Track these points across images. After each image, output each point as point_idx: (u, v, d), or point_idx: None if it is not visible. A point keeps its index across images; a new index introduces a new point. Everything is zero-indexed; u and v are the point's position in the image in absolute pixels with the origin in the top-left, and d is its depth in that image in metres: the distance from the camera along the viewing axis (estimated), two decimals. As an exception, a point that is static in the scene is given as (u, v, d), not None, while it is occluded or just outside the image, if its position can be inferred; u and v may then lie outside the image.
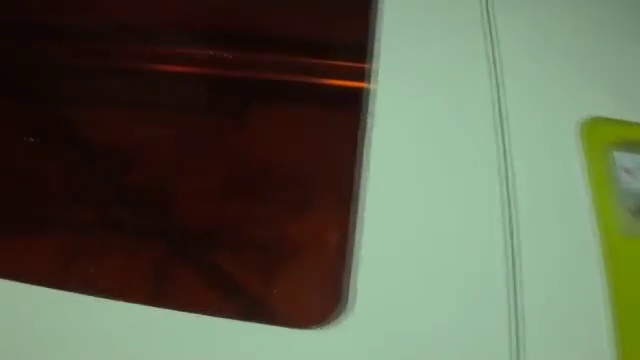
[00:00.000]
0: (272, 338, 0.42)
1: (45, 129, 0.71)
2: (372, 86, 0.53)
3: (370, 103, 0.52)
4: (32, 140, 0.67)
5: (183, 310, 0.44)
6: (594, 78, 0.55)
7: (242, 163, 0.67)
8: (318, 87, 0.72)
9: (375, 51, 0.55)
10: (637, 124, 0.52)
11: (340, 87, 0.71)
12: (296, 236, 0.61)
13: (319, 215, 0.62)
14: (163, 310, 0.44)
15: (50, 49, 0.77)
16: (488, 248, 0.45)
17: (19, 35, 0.77)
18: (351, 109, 0.70)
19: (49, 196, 0.67)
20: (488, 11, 0.58)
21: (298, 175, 0.66)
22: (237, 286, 0.55)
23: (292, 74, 0.73)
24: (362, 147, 0.49)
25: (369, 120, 0.50)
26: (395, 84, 0.53)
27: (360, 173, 0.48)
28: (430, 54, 0.56)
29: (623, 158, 0.51)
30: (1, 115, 0.74)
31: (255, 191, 0.65)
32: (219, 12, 0.73)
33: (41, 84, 0.75)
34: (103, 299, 0.45)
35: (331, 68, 0.72)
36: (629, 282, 0.45)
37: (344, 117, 0.69)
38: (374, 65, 0.54)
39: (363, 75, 0.69)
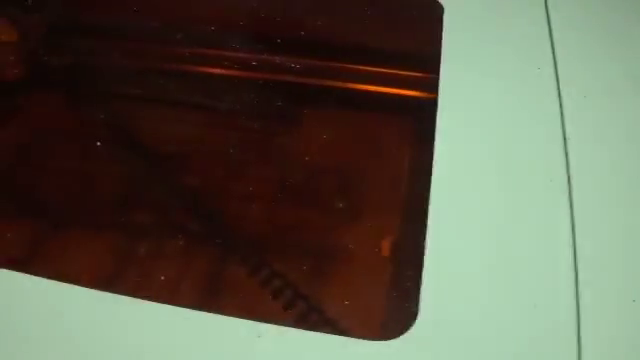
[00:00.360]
0: (341, 349, 0.42)
1: (100, 130, 0.72)
2: (437, 96, 0.53)
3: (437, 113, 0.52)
4: (99, 144, 0.68)
5: (240, 317, 0.44)
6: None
7: (294, 167, 0.68)
8: (370, 94, 0.72)
9: (440, 62, 0.55)
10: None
11: (392, 95, 0.72)
12: (350, 242, 0.61)
13: (373, 221, 0.62)
14: (220, 316, 0.44)
15: (107, 50, 0.78)
16: (553, 257, 0.46)
17: (75, 36, 0.78)
18: (402, 116, 0.70)
19: (103, 197, 0.67)
20: (549, 19, 0.58)
21: (350, 180, 0.66)
22: (295, 293, 0.55)
23: (344, 80, 0.73)
24: (431, 158, 0.49)
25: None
26: (458, 94, 0.54)
27: (429, 183, 0.48)
28: (492, 66, 0.56)
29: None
30: (58, 115, 0.75)
31: (307, 196, 0.65)
32: (274, 17, 0.73)
33: (96, 85, 0.76)
34: (155, 303, 0.45)
35: (384, 76, 0.72)
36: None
37: (395, 124, 0.70)
38: (439, 75, 0.54)
39: (416, 83, 0.70)
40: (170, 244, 0.62)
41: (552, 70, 0.55)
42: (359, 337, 0.43)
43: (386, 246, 0.58)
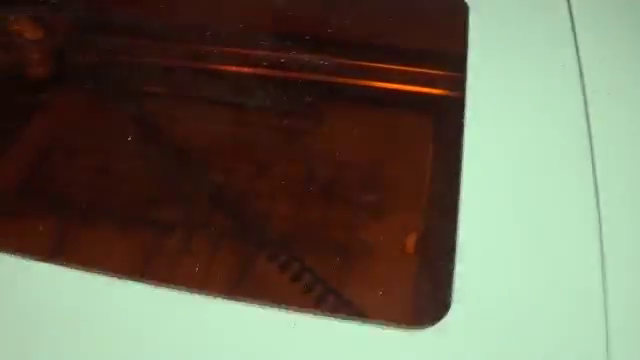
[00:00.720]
0: (374, 337, 0.43)
1: (126, 128, 0.73)
2: (461, 94, 0.54)
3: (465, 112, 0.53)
4: (129, 139, 0.69)
5: (275, 306, 0.45)
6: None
7: (318, 164, 0.69)
8: (393, 92, 0.73)
9: (465, 60, 0.56)
10: None
11: (415, 92, 0.73)
12: (374, 238, 0.62)
13: (396, 217, 0.63)
14: (255, 306, 0.45)
15: (133, 48, 0.79)
16: (582, 247, 0.46)
17: (101, 33, 0.79)
18: (425, 114, 0.71)
19: (130, 193, 0.68)
20: (572, 14, 0.59)
21: (373, 177, 0.67)
22: (327, 284, 0.56)
23: (368, 78, 0.74)
24: (460, 155, 0.50)
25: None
26: (484, 92, 0.55)
27: (459, 179, 0.49)
28: (517, 64, 0.57)
29: None
30: (83, 113, 0.76)
31: (331, 192, 0.66)
32: (299, 15, 0.74)
33: (122, 83, 0.78)
34: (185, 292, 0.46)
35: (407, 74, 0.73)
36: None
37: (418, 121, 0.71)
38: (466, 74, 0.55)
39: (440, 81, 0.71)
40: (190, 237, 0.63)
41: (576, 66, 0.56)
42: (392, 326, 0.44)
43: (413, 241, 0.59)
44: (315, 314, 0.45)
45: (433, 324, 0.43)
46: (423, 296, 0.53)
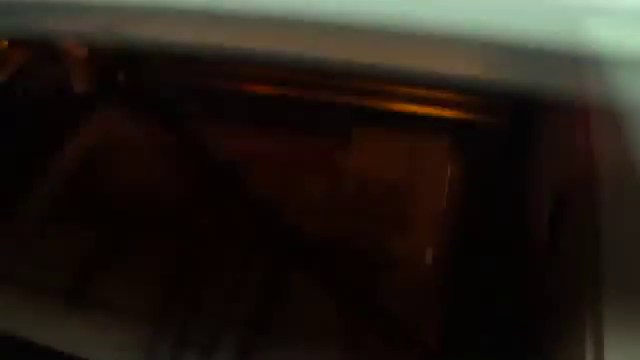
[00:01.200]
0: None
1: (171, 143, 0.78)
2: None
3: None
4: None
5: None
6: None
7: (345, 180, 0.73)
8: (414, 114, 0.78)
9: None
10: None
11: (435, 115, 0.77)
12: (397, 250, 0.65)
13: (417, 230, 0.67)
14: None
15: (173, 68, 0.84)
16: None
17: (143, 53, 0.83)
18: (444, 135, 0.74)
19: (166, 204, 0.73)
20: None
21: (396, 193, 0.71)
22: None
23: (392, 102, 0.78)
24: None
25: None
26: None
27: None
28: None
29: None
30: (125, 129, 0.80)
31: (357, 207, 0.70)
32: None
33: (162, 102, 0.82)
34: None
35: (429, 97, 0.77)
36: None
37: (437, 142, 0.74)
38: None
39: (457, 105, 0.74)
40: (221, 249, 0.67)
41: None
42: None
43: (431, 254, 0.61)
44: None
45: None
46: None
